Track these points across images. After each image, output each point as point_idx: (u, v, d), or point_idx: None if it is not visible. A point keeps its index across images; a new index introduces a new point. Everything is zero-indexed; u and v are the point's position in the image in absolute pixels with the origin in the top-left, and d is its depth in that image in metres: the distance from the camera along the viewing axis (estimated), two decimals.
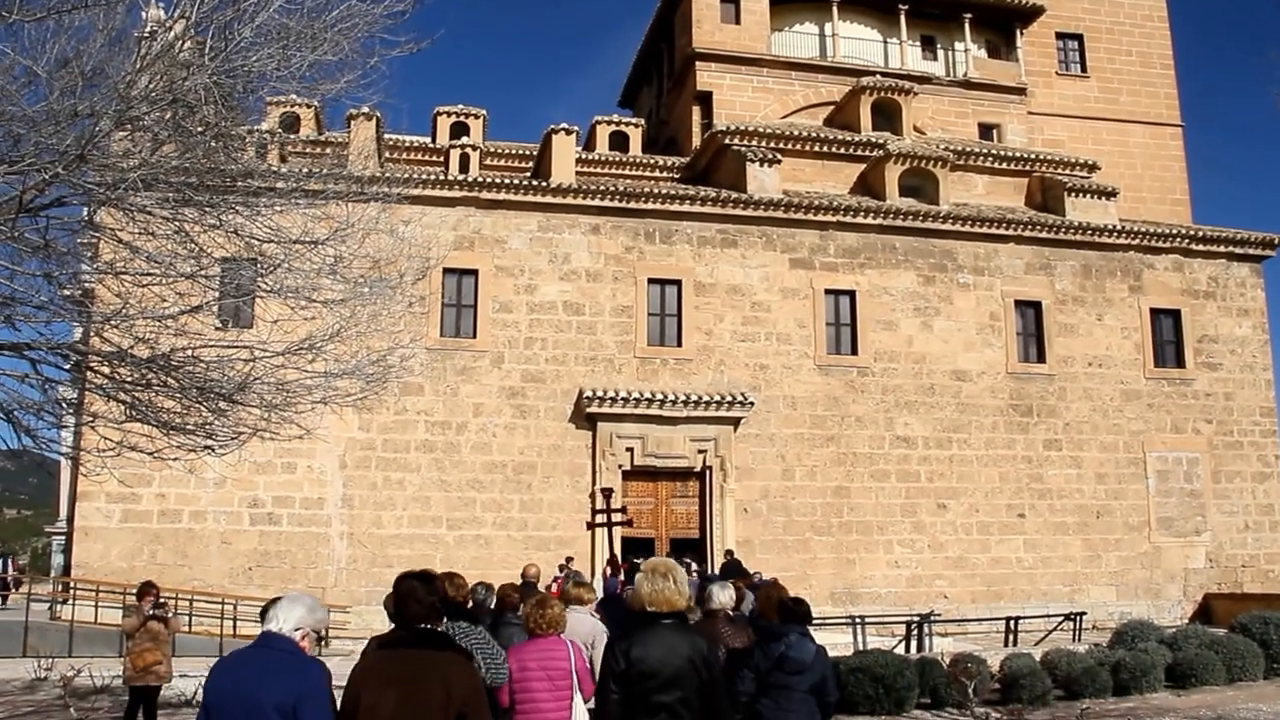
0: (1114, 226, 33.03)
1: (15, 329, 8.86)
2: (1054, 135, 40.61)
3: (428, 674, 5.11)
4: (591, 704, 6.86)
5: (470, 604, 8.88)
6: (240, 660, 4.99)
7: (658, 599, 6.19)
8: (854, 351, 30.80)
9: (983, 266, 32.10)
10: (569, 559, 24.84)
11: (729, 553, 26.11)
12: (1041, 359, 32.08)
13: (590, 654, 8.23)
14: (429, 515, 27.42)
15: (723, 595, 8.99)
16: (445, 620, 7.01)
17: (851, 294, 31.08)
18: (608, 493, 25.40)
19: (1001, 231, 32.24)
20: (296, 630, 5.03)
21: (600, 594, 15.78)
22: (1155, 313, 33.24)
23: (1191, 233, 34.22)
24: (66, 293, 10.46)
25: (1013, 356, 31.82)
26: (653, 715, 5.85)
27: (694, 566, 21.38)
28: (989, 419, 31.17)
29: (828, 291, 30.91)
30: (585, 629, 8.72)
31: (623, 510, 24.88)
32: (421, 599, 5.50)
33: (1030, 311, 32.36)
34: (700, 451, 28.77)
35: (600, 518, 24.39)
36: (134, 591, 14.68)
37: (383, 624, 8.53)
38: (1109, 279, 32.98)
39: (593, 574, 25.48)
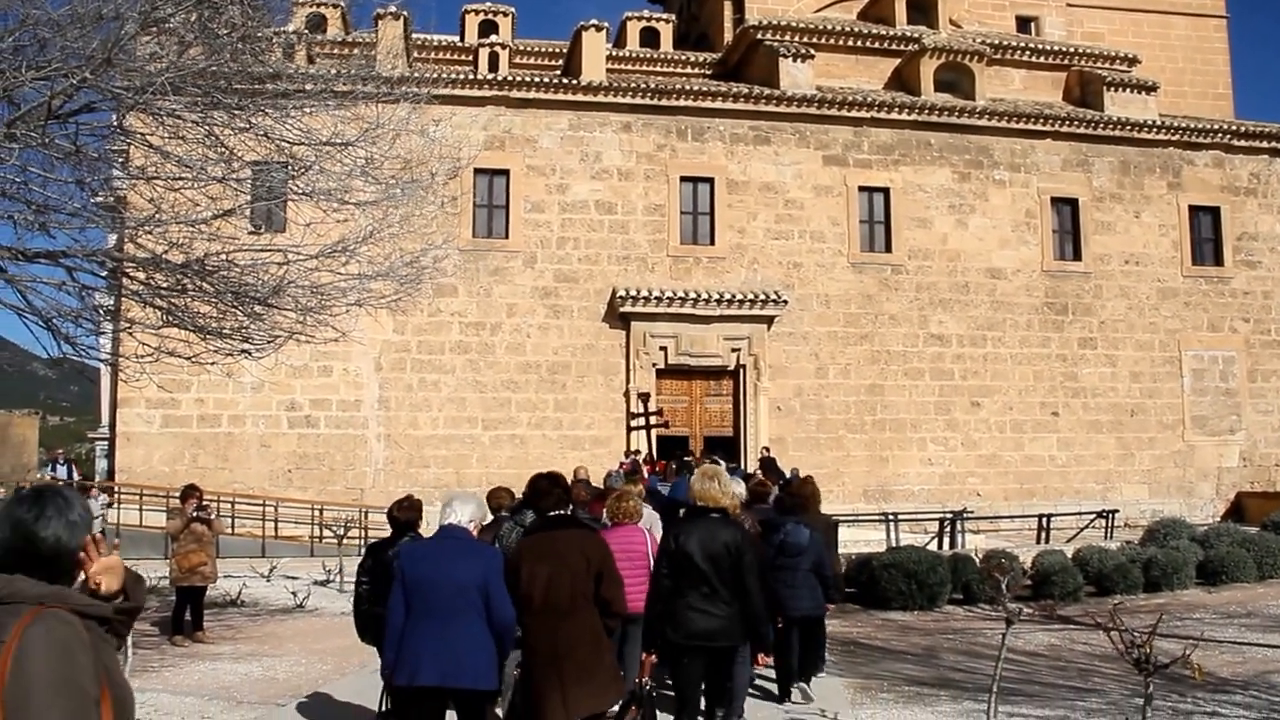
0: (1153, 122, 32.37)
1: (50, 236, 8.91)
2: (1093, 28, 39.64)
3: (570, 547, 6.41)
4: None
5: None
6: (431, 549, 6.31)
7: (705, 496, 7.41)
8: (888, 249, 30.56)
9: (1019, 163, 31.61)
10: (634, 452, 25.04)
11: (764, 449, 26.32)
12: (1077, 257, 31.72)
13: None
14: (465, 416, 27.65)
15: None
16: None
17: (886, 191, 30.74)
18: (645, 396, 25.92)
19: (1038, 127, 31.69)
20: (470, 523, 6.36)
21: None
22: (1194, 210, 32.67)
23: (1233, 128, 33.51)
24: (99, 200, 10.49)
25: (1048, 254, 31.47)
26: (695, 587, 7.08)
27: (721, 465, 21.62)
28: (1024, 317, 30.95)
29: (861, 189, 30.58)
30: (644, 517, 9.67)
31: (659, 413, 25.66)
32: (552, 491, 6.88)
33: (1066, 209, 31.91)
34: (734, 350, 28.77)
35: (639, 420, 25.12)
36: (177, 495, 14.94)
37: (420, 525, 8.64)
38: (1147, 175, 32.42)
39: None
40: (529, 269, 28.39)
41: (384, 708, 6.33)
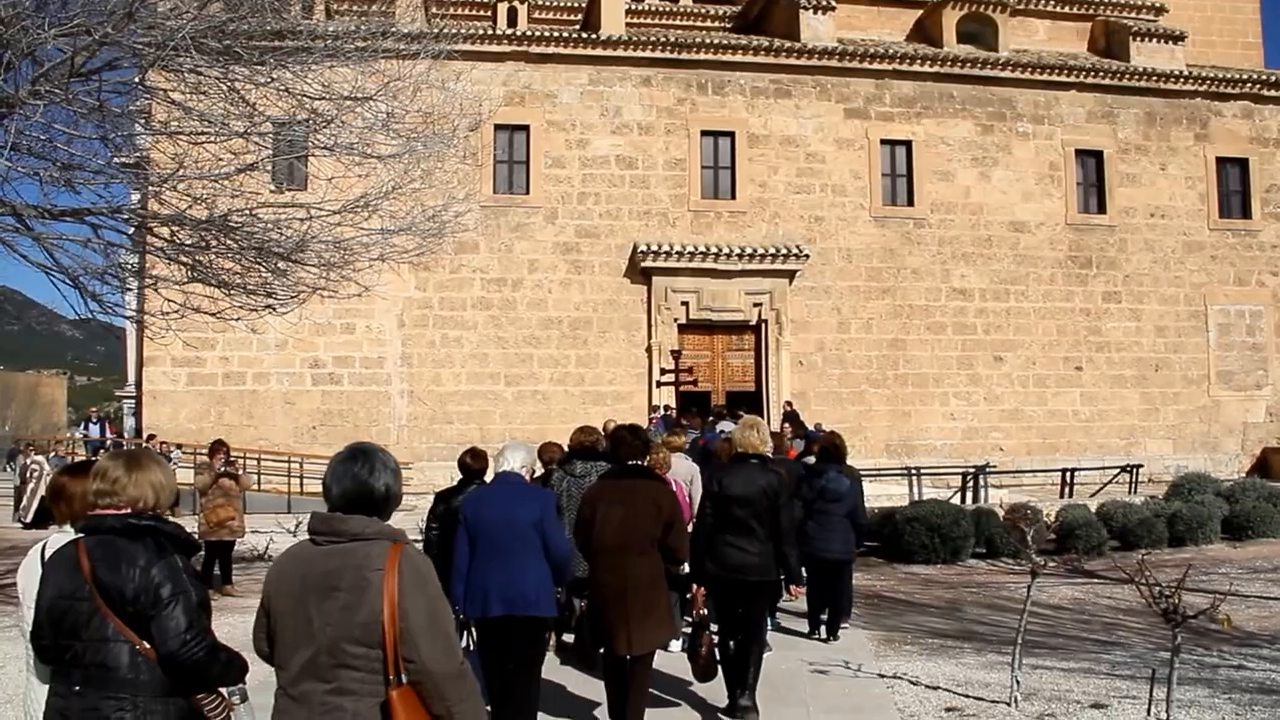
0: (1180, 72, 31.90)
1: (76, 192, 8.91)
2: None
3: (644, 495, 7.05)
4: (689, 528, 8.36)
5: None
6: (491, 493, 6.95)
7: (745, 444, 8.14)
8: (910, 203, 30.36)
9: (1043, 115, 31.26)
10: (666, 407, 25.15)
11: (788, 403, 26.34)
12: (1102, 210, 31.42)
13: (689, 489, 10.18)
14: (487, 372, 27.70)
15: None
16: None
17: (908, 144, 30.49)
18: (677, 353, 26.22)
19: (1063, 79, 31.30)
20: (522, 468, 6.94)
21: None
22: (1221, 162, 32.26)
23: (1262, 78, 32.99)
24: (122, 157, 10.48)
25: (1072, 207, 31.19)
26: (735, 526, 7.75)
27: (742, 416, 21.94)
28: (1047, 271, 30.73)
29: (883, 142, 30.33)
30: (684, 470, 10.49)
31: (689, 370, 26.28)
32: (631, 443, 7.49)
33: (1091, 161, 31.59)
34: (755, 305, 28.70)
35: (668, 377, 25.67)
36: (204, 451, 15.04)
37: (445, 479, 8.74)
38: (1174, 127, 32.01)
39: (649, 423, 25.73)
40: (550, 224, 28.33)
41: (468, 645, 6.69)
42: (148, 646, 3.68)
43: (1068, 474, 24.89)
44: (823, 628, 10.82)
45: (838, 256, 29.54)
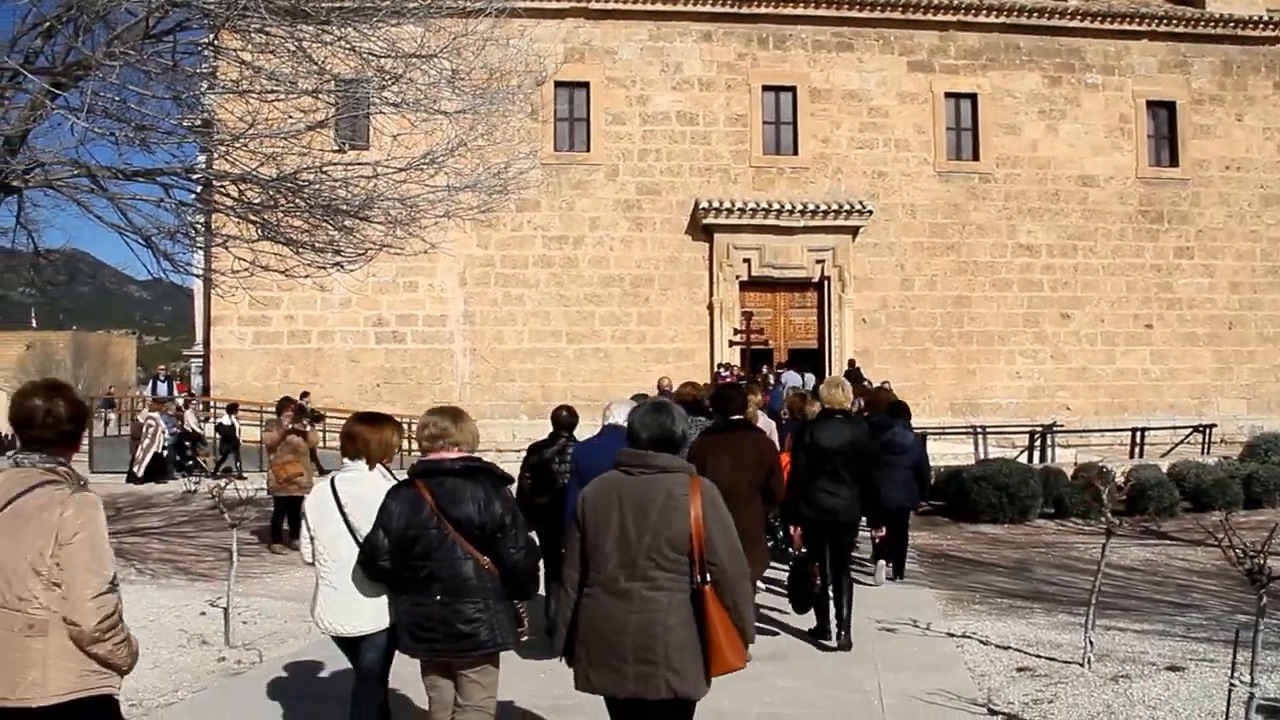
0: (1260, 18, 30.88)
1: (150, 152, 8.97)
2: None
3: (749, 446, 7.87)
4: None
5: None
6: (599, 443, 7.45)
7: (832, 400, 9.10)
8: (975, 157, 29.90)
9: (1112, 65, 30.55)
10: (728, 365, 25.18)
11: (851, 362, 26.20)
12: (1174, 163, 30.71)
13: None
14: (549, 330, 27.75)
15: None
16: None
17: (973, 97, 29.98)
18: (748, 314, 26.49)
19: (1134, 27, 30.51)
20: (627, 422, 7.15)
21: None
22: None
23: None
24: (192, 118, 10.54)
25: (1143, 160, 30.53)
26: (824, 473, 8.67)
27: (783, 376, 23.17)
28: (1116, 226, 30.15)
29: (948, 95, 29.86)
30: (764, 423, 10.96)
31: (760, 330, 26.81)
32: (736, 399, 8.47)
33: (1163, 112, 30.84)
34: (818, 262, 28.48)
35: (740, 337, 26.18)
36: (272, 409, 15.19)
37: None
38: (1251, 75, 31.12)
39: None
40: (611, 182, 28.23)
41: None
42: (488, 562, 4.84)
43: (1137, 434, 24.52)
44: (881, 571, 11.62)
45: (901, 212, 29.19)
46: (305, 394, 24.44)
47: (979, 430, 23.31)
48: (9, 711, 3.48)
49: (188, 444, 22.93)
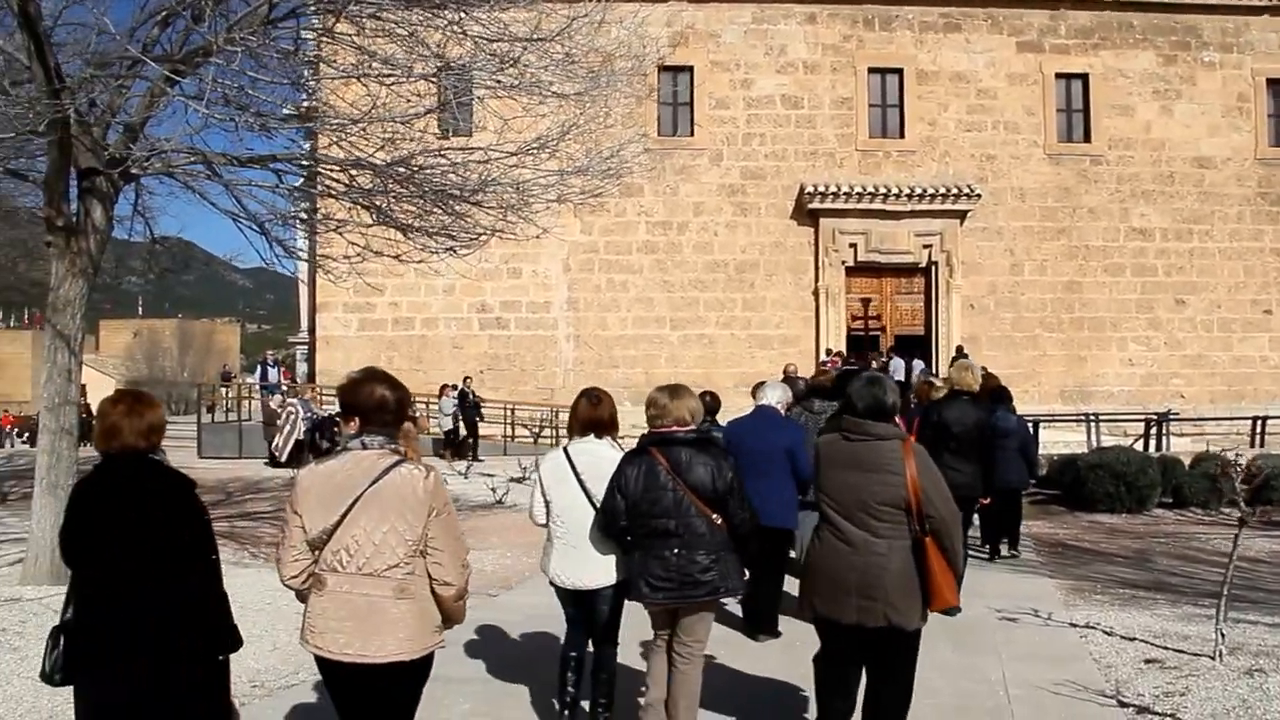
0: None
1: (270, 137, 9.12)
2: None
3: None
4: None
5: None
6: (750, 422, 8.17)
7: (962, 382, 9.86)
8: (1087, 139, 29.24)
9: (1230, 43, 29.61)
10: (836, 351, 25.15)
11: (958, 349, 25.88)
12: None
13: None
14: (653, 316, 27.76)
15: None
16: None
17: (1084, 77, 29.31)
18: (867, 301, 26.81)
19: (1253, 2, 29.53)
20: (778, 403, 8.23)
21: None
22: None
23: None
24: (306, 104, 10.68)
25: (1263, 141, 29.57)
26: (951, 451, 9.11)
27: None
28: (1234, 209, 29.26)
29: (1058, 75, 29.25)
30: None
31: (878, 318, 27.35)
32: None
33: None
34: (925, 246, 28.11)
35: (859, 324, 26.77)
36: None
37: None
38: None
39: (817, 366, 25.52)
40: (715, 166, 28.14)
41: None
42: (718, 520, 5.46)
43: (1258, 422, 23.77)
44: (1002, 547, 12.17)
45: (1010, 196, 28.66)
46: (468, 378, 24.76)
47: (1091, 418, 22.80)
48: (366, 669, 3.94)
49: (335, 429, 23.32)
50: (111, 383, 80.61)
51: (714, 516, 5.47)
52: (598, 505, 5.71)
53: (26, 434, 52.76)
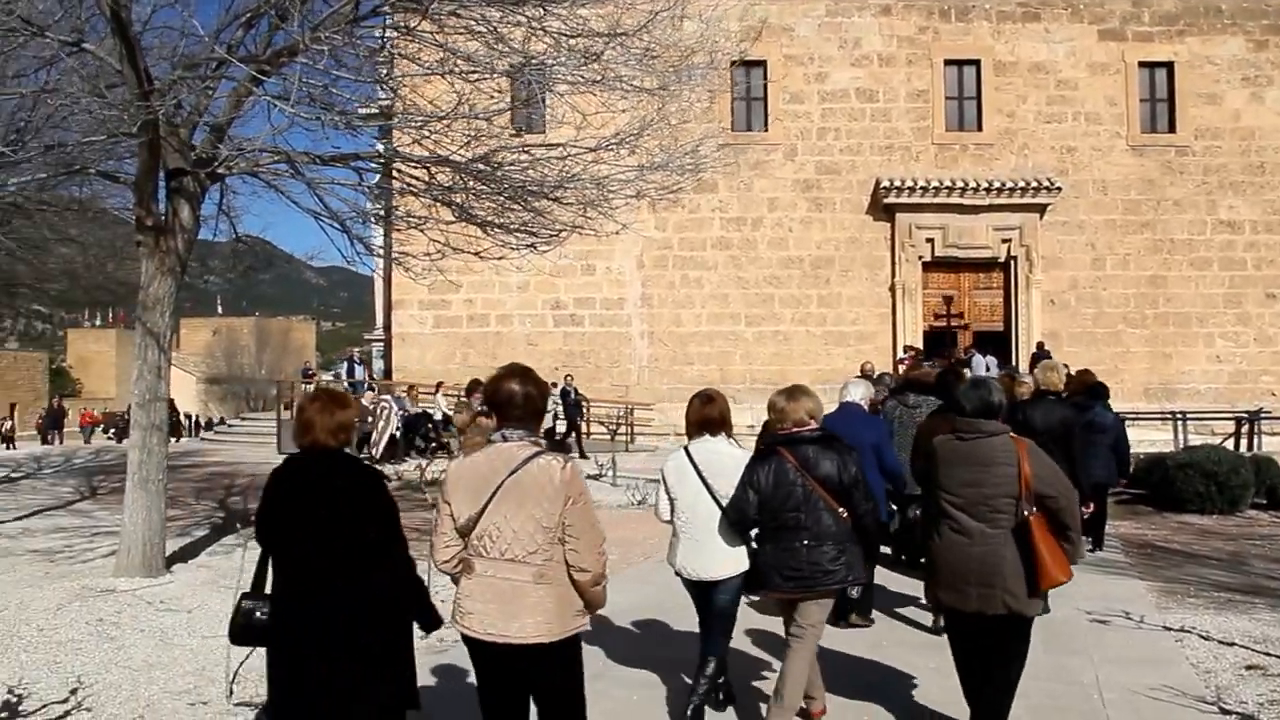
0: None
1: (354, 133, 9.15)
2: None
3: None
4: None
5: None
6: (836, 419, 7.96)
7: (1048, 381, 10.18)
8: (1171, 129, 28.61)
9: None
10: (911, 348, 25.09)
11: (1039, 345, 25.54)
12: None
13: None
14: (727, 313, 27.62)
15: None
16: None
17: (1169, 65, 28.67)
18: (949, 298, 26.66)
19: None
20: (862, 399, 8.48)
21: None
22: None
23: None
24: (386, 102, 10.71)
25: None
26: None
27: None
28: None
29: (1141, 64, 28.63)
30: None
31: (960, 315, 27.14)
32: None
33: None
34: (1004, 241, 27.68)
35: (942, 321, 26.69)
36: (462, 391, 15.44)
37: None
38: None
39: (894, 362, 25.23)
40: (789, 162, 27.91)
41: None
42: (844, 512, 5.83)
43: None
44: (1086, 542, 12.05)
45: (1092, 189, 28.12)
46: (569, 376, 24.79)
47: (1179, 416, 22.25)
48: (507, 649, 4.19)
49: (430, 425, 23.42)
50: (192, 380, 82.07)
51: (840, 510, 5.84)
52: (720, 500, 6.03)
53: (112, 429, 53.92)
